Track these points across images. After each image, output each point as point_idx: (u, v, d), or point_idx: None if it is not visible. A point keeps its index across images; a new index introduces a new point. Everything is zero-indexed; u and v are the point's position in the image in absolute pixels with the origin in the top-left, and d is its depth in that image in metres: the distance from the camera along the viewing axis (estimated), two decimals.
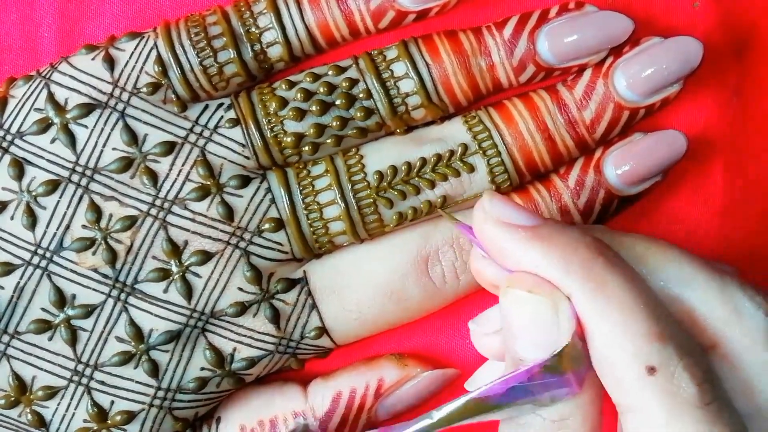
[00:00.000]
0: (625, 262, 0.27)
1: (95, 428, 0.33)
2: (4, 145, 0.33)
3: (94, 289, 0.33)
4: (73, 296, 0.33)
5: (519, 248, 0.27)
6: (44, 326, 0.33)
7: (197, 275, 0.33)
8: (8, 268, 0.32)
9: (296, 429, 0.34)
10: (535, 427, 0.27)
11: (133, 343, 0.33)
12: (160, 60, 0.33)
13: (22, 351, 0.33)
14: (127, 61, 0.33)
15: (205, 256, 0.33)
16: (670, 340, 0.26)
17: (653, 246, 0.29)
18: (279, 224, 0.33)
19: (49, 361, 0.33)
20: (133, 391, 0.33)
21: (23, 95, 0.33)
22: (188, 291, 0.33)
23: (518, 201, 0.34)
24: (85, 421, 0.33)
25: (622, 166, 0.34)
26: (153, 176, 0.33)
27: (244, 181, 0.33)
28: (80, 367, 0.33)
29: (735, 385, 0.28)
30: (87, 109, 0.33)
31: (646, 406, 0.26)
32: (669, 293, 0.28)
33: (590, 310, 0.26)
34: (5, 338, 0.33)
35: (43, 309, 0.33)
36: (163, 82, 0.33)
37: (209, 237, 0.33)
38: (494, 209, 0.28)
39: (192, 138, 0.33)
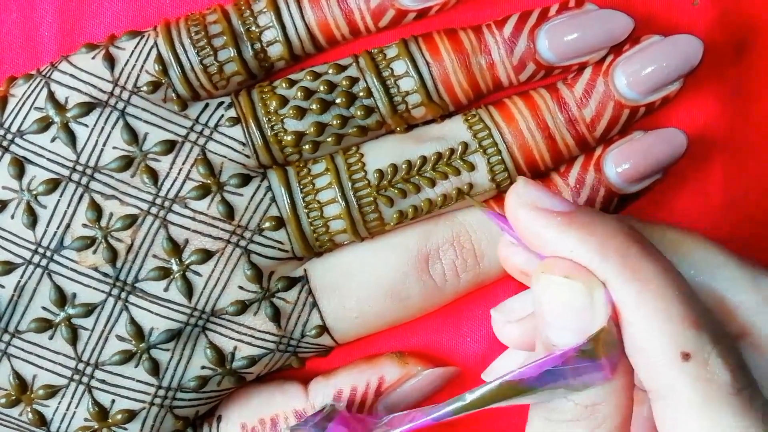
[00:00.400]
0: (658, 250, 0.27)
1: (96, 427, 0.33)
2: (5, 144, 0.33)
3: (94, 288, 0.33)
4: (74, 295, 0.33)
5: (554, 234, 0.27)
6: (45, 325, 0.33)
7: (198, 274, 0.33)
8: (9, 267, 0.32)
9: (324, 409, 0.34)
10: (566, 412, 0.27)
11: (133, 342, 0.33)
12: (160, 59, 0.33)
13: (22, 350, 0.33)
14: (128, 60, 0.33)
15: (206, 255, 0.33)
16: (704, 327, 0.26)
17: (684, 235, 0.29)
18: (279, 223, 0.33)
19: (49, 360, 0.33)
20: (133, 390, 0.33)
21: (23, 94, 0.33)
22: (189, 290, 0.33)
23: None
24: (85, 419, 0.33)
25: (622, 164, 0.34)
26: (153, 175, 0.33)
27: (245, 180, 0.33)
28: (81, 366, 0.33)
29: (764, 374, 0.28)
30: (87, 107, 0.33)
31: (680, 392, 0.26)
32: (700, 281, 0.28)
33: (626, 296, 0.26)
34: (6, 337, 0.33)
35: (43, 308, 0.33)
36: (163, 80, 0.33)
37: (210, 236, 0.33)
38: (529, 194, 0.28)
39: (192, 137, 0.33)
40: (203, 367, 0.34)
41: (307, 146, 0.34)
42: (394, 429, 0.29)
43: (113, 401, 0.33)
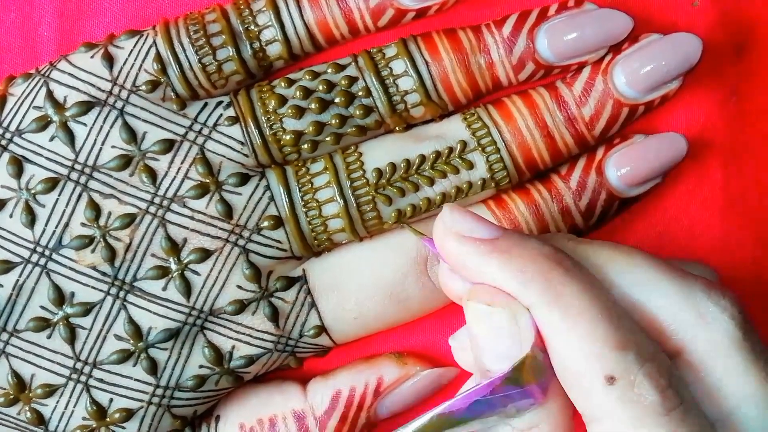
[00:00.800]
0: (585, 270, 0.27)
1: (94, 426, 0.33)
2: (3, 143, 0.33)
3: (92, 287, 0.33)
4: (72, 294, 0.33)
5: (478, 261, 0.27)
6: (43, 324, 0.33)
7: (196, 273, 0.33)
8: (7, 266, 0.32)
9: None
10: None
11: (131, 341, 0.33)
12: (159, 58, 0.33)
13: (21, 349, 0.33)
14: (126, 59, 0.33)
15: (204, 254, 0.33)
16: (630, 347, 0.26)
17: (617, 252, 0.28)
18: (278, 222, 0.33)
19: (48, 359, 0.33)
20: (131, 389, 0.33)
21: (22, 93, 0.33)
22: (187, 289, 0.33)
23: (519, 201, 0.34)
24: (83, 418, 0.33)
25: (623, 167, 0.34)
26: (152, 174, 0.33)
27: (243, 179, 0.33)
28: (79, 365, 0.33)
29: (703, 392, 0.27)
30: (86, 106, 0.33)
31: (609, 416, 0.25)
32: (634, 300, 0.28)
33: (548, 320, 0.26)
34: (4, 336, 0.33)
35: (42, 307, 0.33)
36: (162, 80, 0.33)
37: (208, 235, 0.33)
38: (454, 223, 0.28)
39: (191, 136, 0.33)
40: (201, 367, 0.34)
41: (305, 145, 0.34)
42: None
43: (111, 400, 0.33)
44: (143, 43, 0.34)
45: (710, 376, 0.27)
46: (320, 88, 0.34)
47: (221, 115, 0.34)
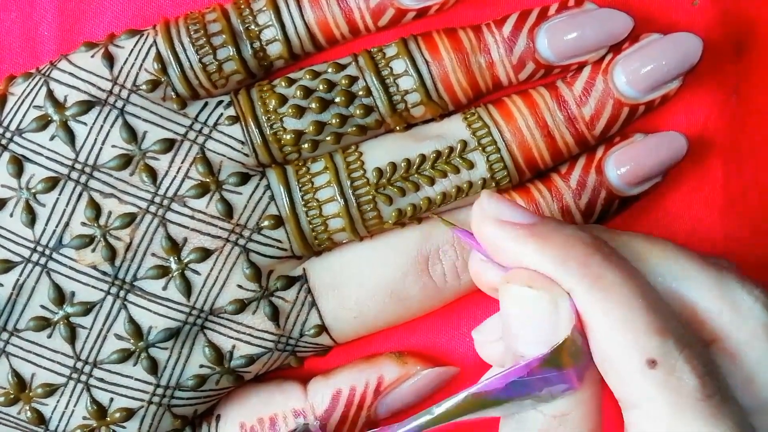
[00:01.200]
0: (622, 257, 0.27)
1: (94, 425, 0.33)
2: (3, 142, 0.33)
3: (93, 287, 0.33)
4: (72, 293, 0.33)
5: (517, 246, 0.27)
6: (43, 323, 0.33)
7: (196, 272, 0.33)
8: (7, 266, 0.32)
9: (296, 429, 0.34)
10: (535, 423, 0.27)
11: (132, 341, 0.33)
12: (159, 57, 0.33)
13: (21, 348, 0.33)
14: (127, 59, 0.33)
15: (205, 254, 0.33)
16: (669, 333, 0.26)
17: (650, 243, 0.29)
18: (278, 221, 0.33)
19: (48, 359, 0.33)
20: (132, 389, 0.33)
21: (23, 92, 0.33)
22: (187, 288, 0.33)
23: (519, 200, 0.34)
24: (84, 418, 0.33)
25: (623, 166, 0.34)
26: (152, 173, 0.33)
27: (244, 179, 0.33)
28: (79, 365, 0.33)
29: (737, 380, 0.28)
30: (86, 106, 0.33)
31: (649, 400, 0.25)
32: (668, 289, 0.28)
33: (589, 305, 0.26)
34: (4, 335, 0.33)
35: (42, 306, 0.33)
36: (162, 79, 0.33)
37: (208, 234, 0.33)
38: (492, 208, 0.28)
39: (191, 135, 0.33)
40: (201, 366, 0.34)
41: (306, 145, 0.34)
42: None
43: (112, 400, 0.33)
44: (144, 43, 0.34)
45: (745, 365, 0.28)
46: (321, 87, 0.34)
47: (222, 114, 0.34)
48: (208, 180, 0.33)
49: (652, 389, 0.25)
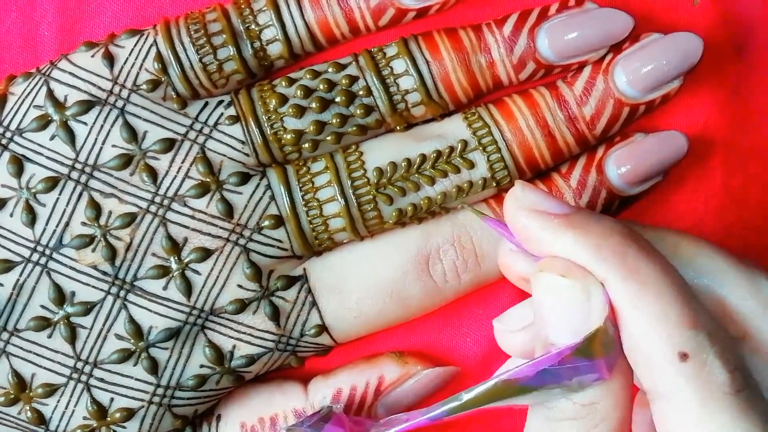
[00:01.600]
0: (657, 250, 0.27)
1: (95, 426, 0.33)
2: (4, 142, 0.33)
3: (93, 287, 0.33)
4: (73, 293, 0.33)
5: (552, 235, 0.27)
6: (43, 323, 0.33)
7: (197, 272, 0.33)
8: (8, 266, 0.32)
9: (320, 412, 0.34)
10: (564, 412, 0.27)
11: (132, 341, 0.33)
12: (159, 57, 0.33)
13: (21, 348, 0.33)
14: (127, 58, 0.33)
15: (205, 253, 0.33)
16: (702, 327, 0.26)
17: (683, 238, 0.29)
18: (279, 221, 0.33)
19: (48, 359, 0.33)
20: (132, 389, 0.33)
21: (23, 92, 0.33)
22: (188, 288, 0.33)
23: None
24: (84, 418, 0.33)
25: (623, 166, 0.34)
26: (152, 173, 0.33)
27: (244, 178, 0.33)
28: (80, 365, 0.33)
29: (765, 377, 0.28)
30: (86, 105, 0.33)
31: (678, 393, 0.25)
32: (699, 284, 0.28)
33: (624, 295, 0.26)
34: (5, 336, 0.33)
35: (42, 306, 0.33)
36: (162, 79, 0.33)
37: (209, 234, 0.33)
38: (527, 197, 0.28)
39: (192, 135, 0.33)
40: (202, 366, 0.34)
41: (306, 145, 0.34)
42: (391, 429, 0.28)
43: (112, 400, 0.33)
44: (144, 43, 0.34)
45: None
46: (321, 87, 0.34)
47: (222, 114, 0.34)
48: (208, 180, 0.33)
49: (683, 382, 0.25)
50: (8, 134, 0.33)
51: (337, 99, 0.33)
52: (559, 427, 0.27)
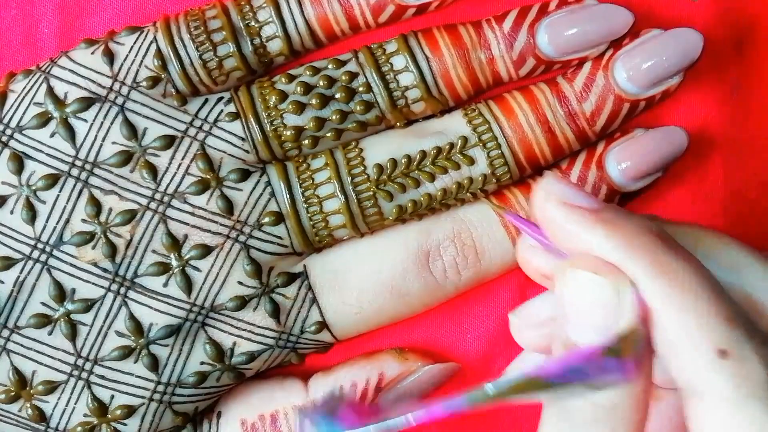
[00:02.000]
0: (685, 248, 0.27)
1: (95, 423, 0.33)
2: (4, 139, 0.33)
3: (93, 284, 0.33)
4: (73, 290, 0.33)
5: (582, 230, 0.26)
6: (44, 321, 0.33)
7: (197, 269, 0.33)
8: (8, 263, 0.32)
9: (333, 394, 0.33)
10: (582, 412, 0.26)
11: (132, 338, 0.33)
12: (159, 54, 0.33)
13: (22, 345, 0.33)
14: (127, 55, 0.33)
15: (205, 250, 0.33)
16: (738, 323, 0.25)
17: (706, 234, 0.28)
18: (279, 218, 0.33)
19: (49, 356, 0.33)
20: (133, 386, 0.33)
21: (23, 89, 0.33)
22: (188, 285, 0.33)
23: (520, 196, 0.34)
24: (85, 415, 0.33)
25: (623, 162, 0.34)
26: (152, 170, 0.33)
27: (244, 175, 0.33)
28: (80, 362, 0.33)
29: None
30: (86, 102, 0.33)
31: (714, 390, 0.25)
32: (726, 280, 0.28)
33: (657, 292, 0.25)
34: (5, 333, 0.33)
35: (42, 303, 0.33)
36: (162, 76, 0.33)
37: (209, 231, 0.33)
38: (557, 190, 0.27)
39: (192, 132, 0.33)
40: (202, 363, 0.34)
41: (306, 141, 0.34)
42: (406, 414, 0.28)
43: (112, 397, 0.33)
44: (144, 40, 0.34)
45: None
46: (321, 83, 0.33)
47: (222, 111, 0.34)
48: (208, 176, 0.33)
49: (721, 379, 0.25)
50: (8, 131, 0.33)
51: (337, 95, 0.33)
52: (576, 429, 0.26)
